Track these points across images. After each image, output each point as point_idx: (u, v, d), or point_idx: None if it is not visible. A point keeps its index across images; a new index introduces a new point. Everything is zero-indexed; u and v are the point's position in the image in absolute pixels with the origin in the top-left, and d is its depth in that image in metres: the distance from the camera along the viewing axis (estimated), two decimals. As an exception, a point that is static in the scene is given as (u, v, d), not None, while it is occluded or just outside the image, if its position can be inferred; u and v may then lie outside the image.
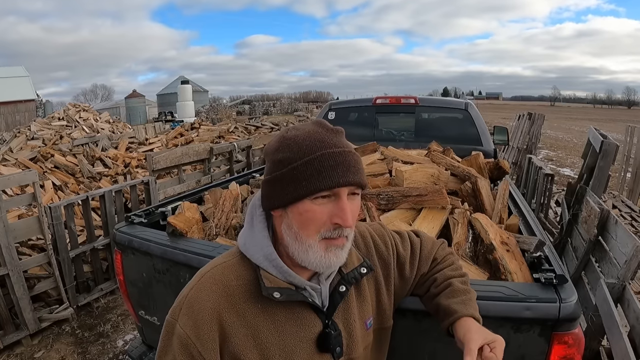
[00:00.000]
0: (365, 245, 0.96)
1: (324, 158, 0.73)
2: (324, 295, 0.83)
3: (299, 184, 0.73)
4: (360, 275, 0.88)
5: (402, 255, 1.00)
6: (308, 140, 0.75)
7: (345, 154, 0.75)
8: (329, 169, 0.72)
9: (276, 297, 0.76)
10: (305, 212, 0.74)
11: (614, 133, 11.43)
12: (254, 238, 0.82)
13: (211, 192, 2.41)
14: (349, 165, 0.74)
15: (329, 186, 0.72)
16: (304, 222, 0.74)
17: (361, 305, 0.90)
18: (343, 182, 0.73)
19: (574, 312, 1.14)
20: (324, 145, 0.74)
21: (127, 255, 1.79)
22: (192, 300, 0.76)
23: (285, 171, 0.74)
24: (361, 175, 0.76)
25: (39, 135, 7.81)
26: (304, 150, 0.74)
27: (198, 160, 5.12)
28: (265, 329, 0.77)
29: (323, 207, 0.74)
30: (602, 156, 3.19)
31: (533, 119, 8.11)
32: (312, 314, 0.81)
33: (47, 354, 2.87)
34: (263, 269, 0.79)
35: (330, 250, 0.75)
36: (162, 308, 1.77)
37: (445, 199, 1.87)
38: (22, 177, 2.96)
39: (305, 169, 0.72)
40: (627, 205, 5.67)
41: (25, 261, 2.95)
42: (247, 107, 40.36)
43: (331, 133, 0.77)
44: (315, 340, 0.80)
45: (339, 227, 0.74)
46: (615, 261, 2.12)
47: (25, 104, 25.05)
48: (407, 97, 3.70)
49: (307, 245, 0.75)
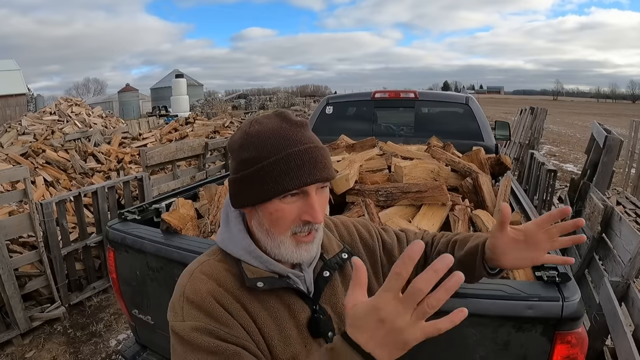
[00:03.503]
0: (349, 234, 0.99)
1: (291, 158, 0.72)
2: (308, 281, 0.84)
3: (266, 185, 0.73)
4: (342, 261, 0.90)
5: (389, 242, 1.02)
6: (272, 138, 0.74)
7: (311, 150, 0.75)
8: (295, 169, 0.72)
9: (260, 287, 0.77)
10: (275, 212, 0.74)
11: (618, 128, 11.50)
12: (231, 234, 0.83)
13: (206, 189, 2.38)
14: (316, 162, 0.74)
15: (296, 186, 0.72)
16: (275, 221, 0.75)
17: (347, 289, 0.90)
18: (310, 180, 0.73)
19: (577, 310, 1.13)
20: (289, 144, 0.73)
21: (120, 252, 1.79)
22: (190, 295, 0.75)
23: (251, 171, 0.74)
24: (329, 170, 0.76)
25: (30, 130, 7.77)
26: (268, 149, 0.73)
27: (193, 155, 5.11)
28: (261, 315, 0.77)
29: (292, 205, 0.74)
30: (606, 152, 3.19)
31: (535, 114, 8.08)
32: (300, 300, 0.82)
33: (38, 354, 2.84)
34: (244, 261, 0.80)
35: (301, 246, 0.77)
36: (156, 307, 1.77)
37: (445, 195, 1.86)
38: (13, 173, 2.95)
39: (271, 170, 0.72)
40: (631, 202, 5.63)
41: (15, 259, 2.93)
42: (243, 102, 39.99)
43: (295, 127, 0.76)
44: (306, 325, 0.81)
45: (308, 223, 0.75)
46: (619, 259, 2.11)
47: (16, 98, 24.81)
48: (407, 91, 3.67)
49: (278, 241, 0.76)
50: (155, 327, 1.79)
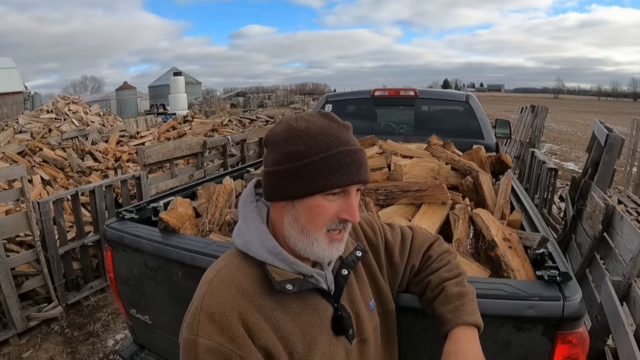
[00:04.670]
0: (354, 231, 1.00)
1: (341, 156, 0.75)
2: (329, 280, 0.85)
3: (315, 180, 0.74)
4: (357, 259, 0.92)
5: (391, 241, 1.02)
6: (323, 135, 0.76)
7: (358, 152, 0.79)
8: (345, 167, 0.75)
9: (289, 289, 0.78)
10: (315, 207, 0.76)
11: (619, 126, 11.57)
12: (252, 234, 0.82)
13: (204, 187, 2.38)
14: (361, 164, 0.78)
15: (344, 184, 0.75)
16: (313, 216, 0.77)
17: (361, 287, 0.94)
18: (357, 180, 0.76)
19: (578, 310, 1.12)
20: (340, 143, 0.77)
21: (117, 252, 1.77)
22: (209, 307, 0.74)
23: (299, 165, 0.75)
24: (368, 173, 0.81)
25: (27, 129, 7.75)
26: (320, 145, 0.75)
27: (191, 154, 5.11)
28: (284, 321, 0.78)
29: (333, 202, 0.77)
30: (608, 150, 3.18)
31: (536, 112, 8.05)
32: (322, 299, 0.84)
33: (35, 354, 2.83)
34: (269, 264, 0.80)
35: (333, 244, 0.79)
36: (154, 306, 1.77)
37: (445, 194, 1.85)
38: (10, 172, 2.94)
39: (322, 165, 0.74)
40: (633, 201, 5.61)
41: (12, 258, 2.92)
42: (241, 100, 39.92)
43: (342, 128, 0.80)
44: (330, 324, 0.83)
45: (344, 222, 0.78)
46: (620, 258, 2.11)
47: (12, 96, 24.80)
48: (407, 89, 3.66)
49: (313, 238, 0.77)
50: (153, 327, 1.77)
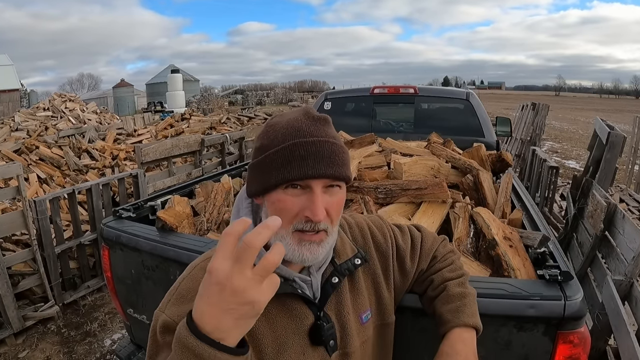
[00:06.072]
0: (362, 236, 0.95)
1: (295, 147, 0.71)
2: (315, 286, 0.81)
3: (270, 173, 0.72)
4: (354, 267, 0.87)
5: (402, 248, 0.98)
6: (285, 128, 0.74)
7: (320, 143, 0.72)
8: (298, 159, 0.70)
9: None
10: (277, 202, 0.73)
11: (621, 124, 11.53)
12: None
13: (202, 186, 2.38)
14: (322, 157, 0.71)
15: (297, 177, 0.70)
16: (276, 212, 0.73)
17: (355, 298, 0.89)
18: (312, 173, 0.70)
19: (579, 310, 1.12)
20: (299, 134, 0.72)
21: (114, 251, 1.77)
22: (184, 291, 0.74)
23: (261, 159, 0.74)
24: (338, 168, 0.72)
25: (23, 127, 7.70)
26: (279, 138, 0.73)
27: (189, 152, 5.09)
28: (257, 321, 0.74)
29: (296, 198, 0.72)
30: (609, 148, 3.18)
31: (537, 110, 8.01)
32: (304, 306, 0.80)
33: (31, 354, 2.82)
34: None
35: (304, 245, 0.72)
36: (152, 306, 1.72)
37: (445, 192, 1.84)
38: (6, 170, 2.92)
39: (276, 158, 0.72)
40: (634, 199, 5.56)
41: (8, 257, 2.90)
42: (239, 97, 39.86)
43: (312, 121, 0.75)
44: (308, 332, 0.79)
45: (310, 221, 0.72)
46: (622, 257, 2.10)
47: (8, 94, 24.70)
48: (406, 87, 3.66)
49: (279, 236, 0.72)
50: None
